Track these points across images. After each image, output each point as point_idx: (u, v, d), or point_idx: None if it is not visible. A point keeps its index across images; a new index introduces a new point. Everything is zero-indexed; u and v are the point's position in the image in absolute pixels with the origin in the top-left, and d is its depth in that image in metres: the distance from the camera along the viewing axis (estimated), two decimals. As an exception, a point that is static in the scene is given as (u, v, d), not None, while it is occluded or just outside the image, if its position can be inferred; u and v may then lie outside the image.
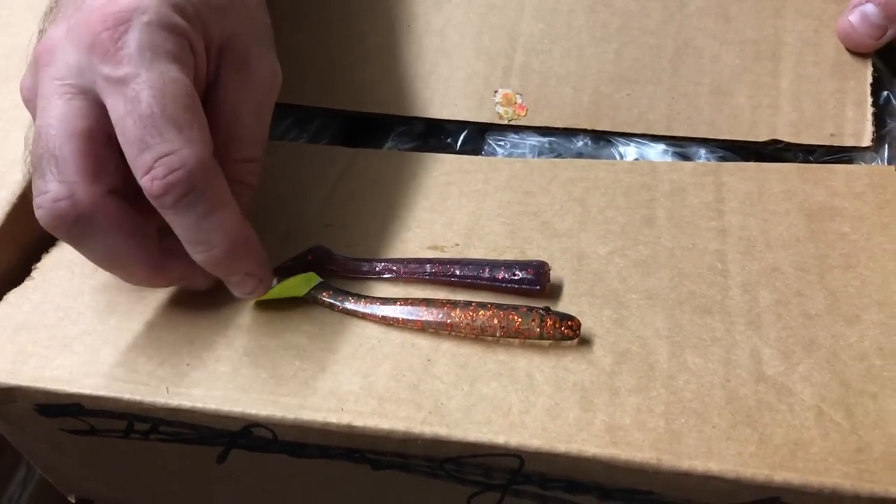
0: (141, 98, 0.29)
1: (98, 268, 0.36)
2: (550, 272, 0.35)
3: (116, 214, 0.31)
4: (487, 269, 0.35)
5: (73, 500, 0.42)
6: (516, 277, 0.34)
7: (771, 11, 0.45)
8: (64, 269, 0.38)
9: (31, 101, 0.33)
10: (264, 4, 0.37)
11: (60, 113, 0.30)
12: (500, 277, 0.34)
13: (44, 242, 0.39)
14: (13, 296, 0.36)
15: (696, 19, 0.45)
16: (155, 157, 0.29)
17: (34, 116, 0.33)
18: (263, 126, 0.35)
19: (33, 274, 0.37)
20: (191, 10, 0.32)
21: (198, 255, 0.31)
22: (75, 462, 0.37)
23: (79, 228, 0.30)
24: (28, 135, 0.33)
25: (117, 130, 0.30)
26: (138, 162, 0.29)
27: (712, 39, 0.45)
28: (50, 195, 0.30)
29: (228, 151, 0.33)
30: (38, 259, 0.38)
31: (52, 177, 0.30)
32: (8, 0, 0.49)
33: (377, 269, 0.36)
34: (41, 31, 0.35)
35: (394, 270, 0.36)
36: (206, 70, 0.33)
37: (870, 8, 0.42)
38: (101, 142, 0.31)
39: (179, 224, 0.31)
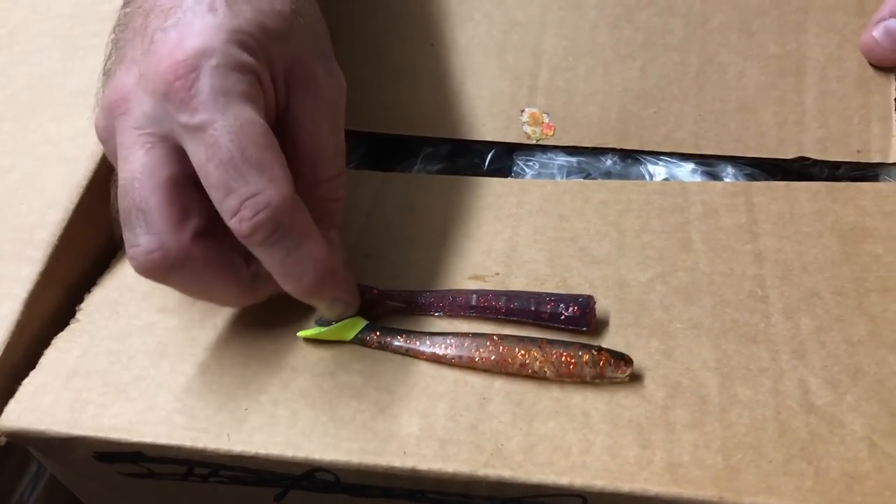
0: (220, 144, 0.30)
1: (142, 308, 0.37)
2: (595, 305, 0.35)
3: (205, 256, 0.32)
4: (534, 304, 0.35)
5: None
6: (563, 316, 0.35)
7: (793, 26, 0.45)
8: (108, 309, 0.38)
9: (107, 142, 0.34)
10: (319, 12, 0.38)
11: (142, 164, 0.31)
12: (546, 314, 0.35)
13: (87, 282, 0.39)
14: (61, 340, 0.36)
15: (718, 35, 0.46)
16: (241, 200, 0.30)
17: (109, 154, 0.34)
18: (341, 137, 0.36)
19: (78, 315, 0.38)
20: (255, 44, 0.32)
21: (288, 286, 0.32)
22: (128, 501, 0.38)
23: (173, 275, 0.32)
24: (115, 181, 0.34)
25: (200, 176, 0.31)
26: (224, 206, 0.30)
27: (736, 55, 0.45)
28: (142, 248, 0.31)
29: (315, 172, 0.35)
30: (81, 299, 0.38)
31: (142, 230, 0.31)
32: (25, 26, 0.48)
33: (423, 302, 0.37)
34: (107, 71, 0.36)
35: (441, 306, 0.36)
36: (275, 98, 0.34)
37: (893, 23, 0.43)
38: (184, 187, 0.32)
39: (268, 259, 0.32)
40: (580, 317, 0.35)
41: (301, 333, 0.35)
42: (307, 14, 0.36)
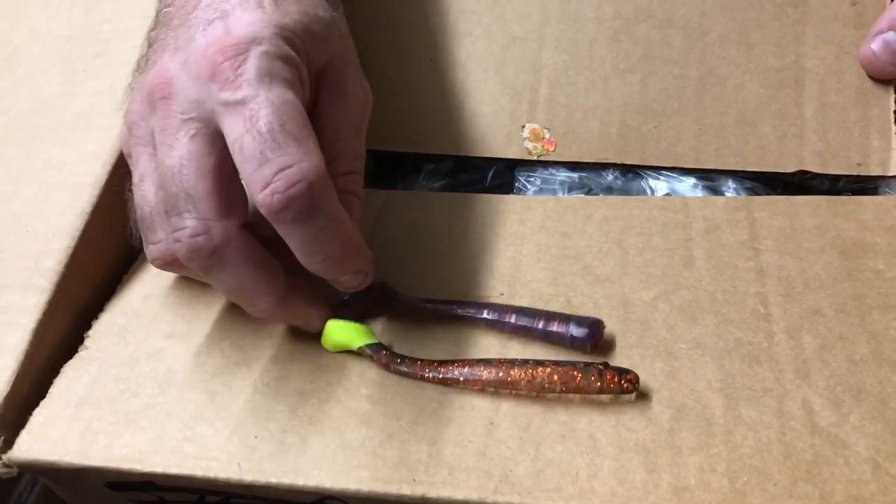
0: (260, 115, 0.30)
1: (150, 334, 0.37)
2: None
3: (247, 247, 0.32)
4: (542, 322, 0.35)
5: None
6: (570, 336, 0.35)
7: (792, 38, 0.45)
8: (116, 335, 0.38)
9: (136, 125, 0.35)
10: (349, 29, 0.39)
11: (189, 151, 0.32)
12: (554, 333, 0.35)
13: (94, 308, 0.39)
14: (70, 368, 0.37)
15: (717, 47, 0.46)
16: (275, 171, 0.30)
17: (135, 139, 0.35)
18: (362, 143, 0.37)
19: (87, 343, 0.38)
20: (298, 42, 0.33)
21: (314, 264, 0.32)
22: (139, 525, 0.38)
23: (213, 260, 0.32)
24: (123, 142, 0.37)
25: (234, 150, 0.31)
26: (256, 176, 0.30)
27: (735, 68, 0.45)
28: (188, 231, 0.32)
29: (334, 166, 0.34)
30: (89, 325, 0.38)
31: (190, 214, 0.32)
32: (25, 47, 0.48)
33: (439, 308, 0.37)
34: (146, 59, 0.36)
35: (455, 314, 0.37)
36: (306, 98, 0.34)
37: (891, 36, 0.43)
38: (229, 178, 0.32)
39: (296, 236, 0.31)
40: (587, 338, 0.35)
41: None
42: (342, 27, 0.37)
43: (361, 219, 0.37)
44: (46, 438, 0.34)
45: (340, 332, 0.36)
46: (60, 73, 0.46)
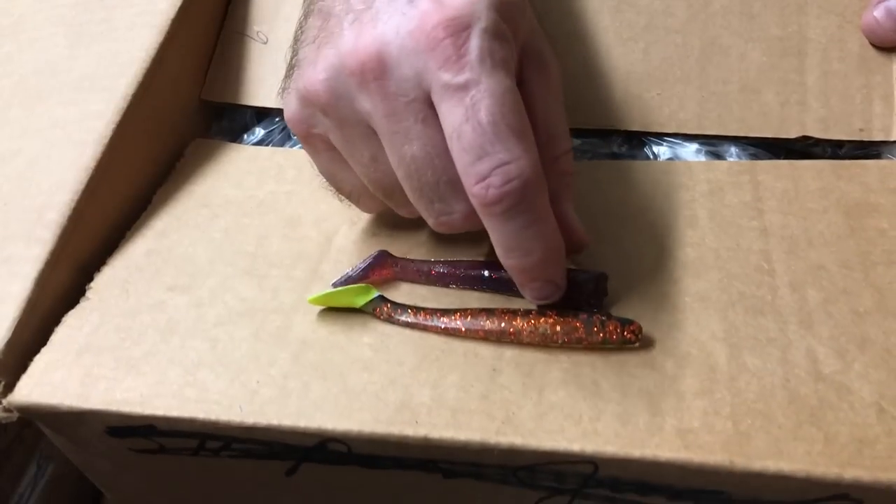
0: (481, 106, 0.29)
1: (152, 286, 0.37)
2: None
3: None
4: None
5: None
6: (575, 291, 0.35)
7: (794, 8, 0.46)
8: (118, 287, 0.38)
9: (332, 107, 0.33)
10: None
11: (430, 138, 0.31)
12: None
13: (96, 262, 0.39)
14: (71, 318, 0.37)
15: (720, 17, 0.46)
16: (493, 166, 0.30)
17: (326, 116, 0.33)
18: (566, 117, 0.36)
19: (88, 294, 0.38)
20: (507, 15, 0.32)
21: (511, 259, 0.32)
22: (138, 479, 0.38)
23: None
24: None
25: (451, 136, 0.30)
26: (473, 169, 0.30)
27: (738, 37, 0.46)
28: (458, 216, 0.33)
29: (552, 147, 0.34)
30: (90, 278, 0.38)
31: (457, 199, 0.32)
32: (30, 15, 0.48)
33: (438, 271, 0.37)
34: (315, 28, 0.34)
35: (454, 275, 0.37)
36: (516, 74, 0.33)
37: (894, 3, 0.43)
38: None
39: (501, 230, 0.31)
40: (592, 292, 0.35)
41: (310, 299, 0.35)
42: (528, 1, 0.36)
43: (575, 198, 0.36)
44: (47, 383, 0.34)
45: (341, 297, 0.36)
46: (66, 36, 0.46)
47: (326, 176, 0.37)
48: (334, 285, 0.36)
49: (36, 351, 0.35)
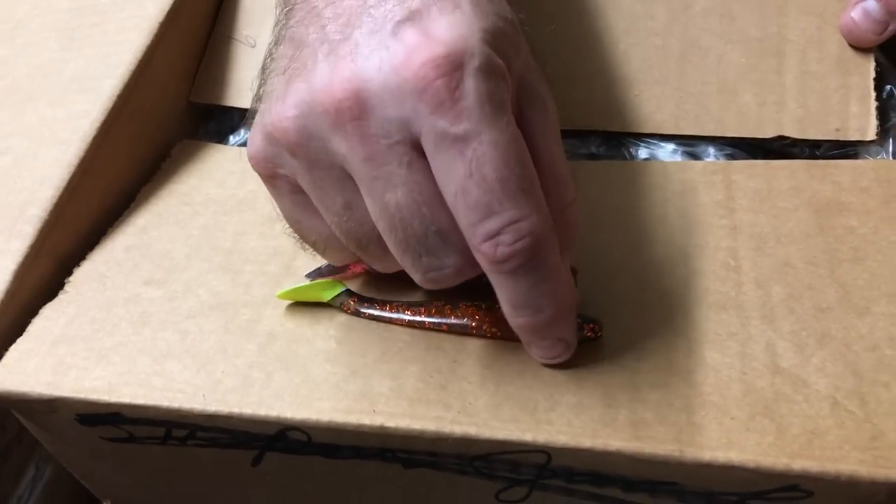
0: (485, 160, 0.27)
1: (129, 281, 0.38)
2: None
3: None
4: None
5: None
6: None
7: (774, 9, 0.46)
8: (96, 281, 0.39)
9: (301, 146, 0.29)
10: None
11: (416, 183, 0.28)
12: None
13: (77, 257, 0.40)
14: (49, 309, 0.37)
15: (700, 19, 0.47)
16: (502, 225, 0.27)
17: (295, 157, 0.30)
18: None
19: (67, 287, 0.39)
20: (502, 49, 0.29)
21: (520, 318, 0.30)
22: (112, 469, 0.39)
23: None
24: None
25: (452, 191, 0.28)
26: (480, 228, 0.27)
27: (717, 39, 0.46)
28: (451, 270, 0.30)
29: (560, 196, 0.31)
30: (70, 273, 0.39)
31: (446, 252, 0.29)
32: (26, 20, 0.50)
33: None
34: (284, 57, 0.31)
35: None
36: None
37: (871, 4, 0.43)
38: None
39: (510, 288, 0.29)
40: None
41: (279, 294, 0.36)
42: (523, 31, 0.32)
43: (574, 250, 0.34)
44: (20, 371, 0.35)
45: (309, 291, 0.36)
46: (58, 40, 0.47)
47: (290, 222, 0.34)
48: (308, 276, 0.37)
49: (12, 341, 0.36)
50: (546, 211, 0.28)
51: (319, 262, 0.38)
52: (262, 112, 0.31)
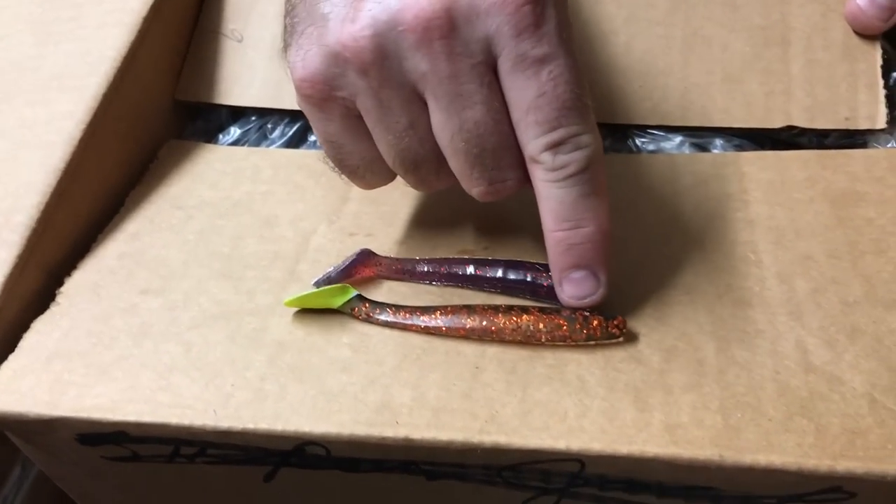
0: (559, 81, 0.29)
1: (124, 290, 0.36)
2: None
3: None
4: (530, 275, 0.34)
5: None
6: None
7: (776, -3, 0.45)
8: (89, 291, 0.37)
9: (374, 65, 0.30)
10: None
11: (494, 105, 0.30)
12: (542, 287, 0.34)
13: (67, 266, 0.38)
14: (41, 323, 0.35)
15: (702, 7, 0.46)
16: (565, 137, 0.30)
17: (366, 75, 0.30)
18: None
19: (58, 299, 0.37)
20: None
21: (560, 231, 0.31)
22: (112, 489, 0.37)
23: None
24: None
25: (522, 108, 0.30)
26: (544, 139, 0.30)
27: (720, 27, 0.45)
28: (513, 181, 0.32)
29: None
30: (61, 283, 0.37)
31: (511, 167, 0.32)
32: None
33: (421, 269, 0.36)
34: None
35: (438, 272, 0.36)
36: None
37: (876, -10, 0.43)
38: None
39: (558, 198, 0.31)
40: None
41: (286, 301, 0.34)
42: None
43: None
44: (15, 391, 0.33)
45: (318, 298, 0.35)
46: (33, 34, 0.45)
47: (332, 146, 0.34)
48: (316, 284, 0.35)
49: (3, 358, 0.34)
50: (600, 137, 0.31)
51: (324, 267, 0.37)
52: (320, 34, 0.31)
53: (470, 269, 0.36)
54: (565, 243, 0.32)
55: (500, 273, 0.35)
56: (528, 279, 0.35)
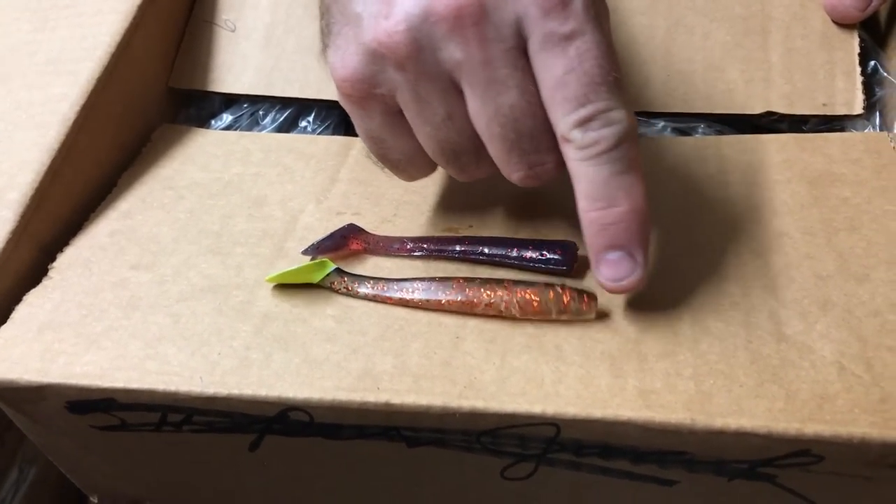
0: (586, 57, 0.29)
1: (115, 265, 0.37)
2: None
3: None
4: (515, 249, 0.35)
5: (95, 501, 0.42)
6: (544, 258, 0.35)
7: (757, -13, 0.46)
8: (81, 266, 0.38)
9: (411, 59, 0.31)
10: None
11: (529, 88, 0.30)
12: (528, 257, 0.35)
13: (59, 242, 0.39)
14: (33, 296, 0.36)
15: (685, -2, 0.47)
16: (595, 112, 0.30)
17: (404, 70, 0.31)
18: None
19: (51, 273, 0.37)
20: None
21: (594, 211, 0.31)
22: (101, 460, 0.37)
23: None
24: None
25: (551, 85, 0.30)
26: (574, 115, 0.30)
27: (702, 17, 0.46)
28: (552, 164, 0.32)
29: None
30: (53, 259, 0.38)
31: (548, 150, 0.32)
32: (-5, 1, 0.48)
33: (408, 246, 0.37)
34: None
35: (424, 248, 0.37)
36: None
37: (854, -20, 0.44)
38: None
39: (590, 176, 0.30)
40: (561, 258, 0.35)
41: (268, 278, 0.35)
42: None
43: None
44: (6, 359, 0.33)
45: (298, 274, 0.35)
46: (30, 21, 0.46)
47: (374, 142, 0.35)
48: (304, 253, 0.36)
49: (-3, 329, 0.35)
50: (632, 112, 0.30)
51: (311, 240, 0.37)
52: (356, 34, 0.32)
53: (456, 247, 0.36)
54: (599, 223, 0.31)
55: (485, 250, 0.36)
56: (514, 254, 0.35)
